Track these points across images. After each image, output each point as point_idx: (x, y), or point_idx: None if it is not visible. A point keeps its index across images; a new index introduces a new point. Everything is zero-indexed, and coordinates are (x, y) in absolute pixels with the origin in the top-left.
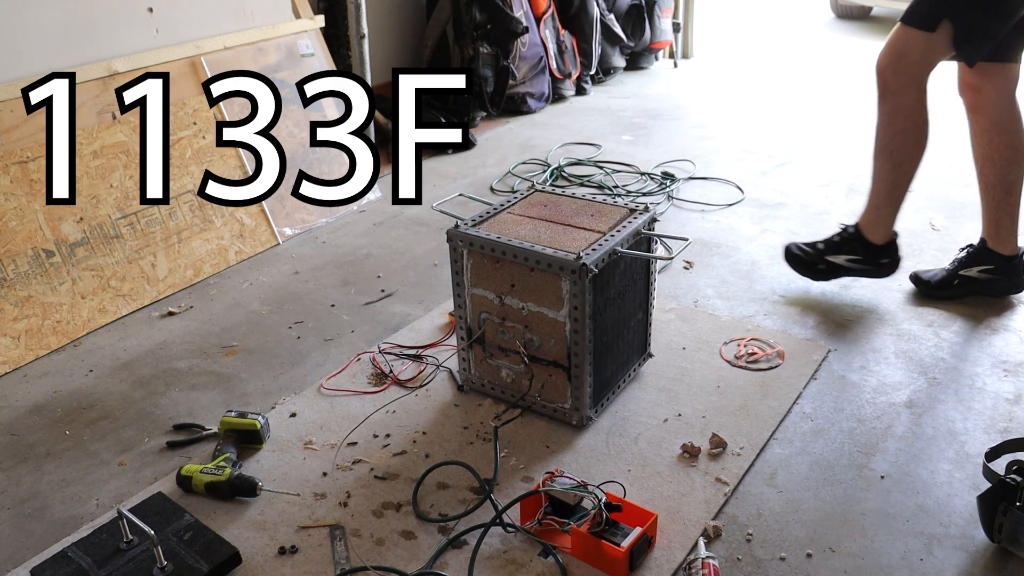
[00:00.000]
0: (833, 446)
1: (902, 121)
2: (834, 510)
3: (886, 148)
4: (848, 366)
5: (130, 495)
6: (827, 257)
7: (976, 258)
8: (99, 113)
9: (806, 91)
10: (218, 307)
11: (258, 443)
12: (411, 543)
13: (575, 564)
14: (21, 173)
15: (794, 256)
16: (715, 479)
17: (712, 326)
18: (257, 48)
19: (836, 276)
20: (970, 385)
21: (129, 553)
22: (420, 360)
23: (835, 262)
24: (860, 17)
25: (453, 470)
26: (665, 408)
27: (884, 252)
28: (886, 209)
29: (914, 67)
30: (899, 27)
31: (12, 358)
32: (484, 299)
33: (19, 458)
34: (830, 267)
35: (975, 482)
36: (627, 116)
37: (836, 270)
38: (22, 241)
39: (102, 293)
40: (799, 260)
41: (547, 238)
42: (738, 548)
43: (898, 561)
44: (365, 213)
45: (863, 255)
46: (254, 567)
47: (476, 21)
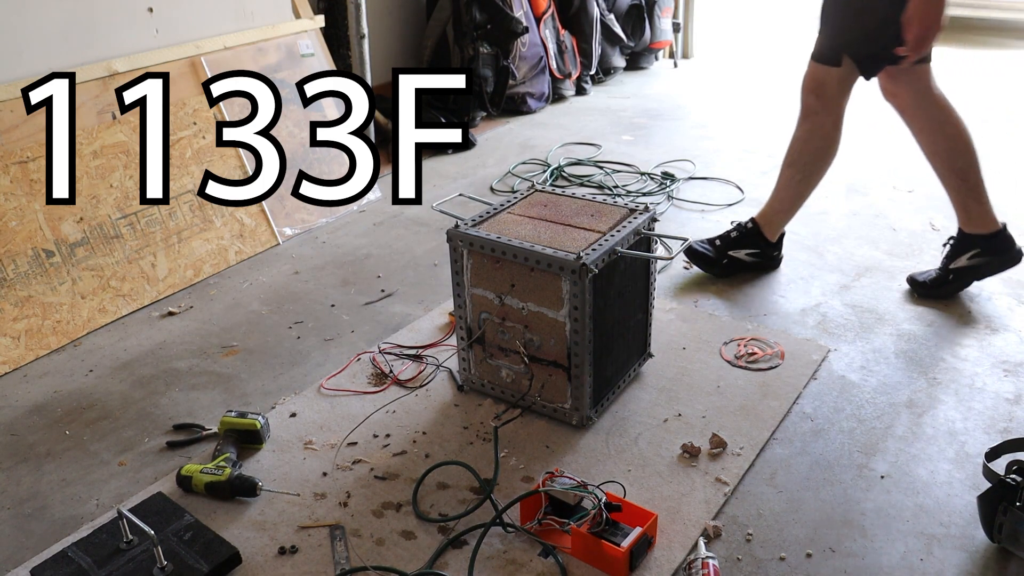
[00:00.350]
0: (833, 446)
1: (818, 141)
2: (834, 510)
3: (798, 162)
4: (848, 366)
5: (130, 495)
6: (729, 252)
7: (960, 247)
8: (99, 113)
9: None
10: (218, 307)
11: (258, 443)
12: (411, 543)
13: (575, 564)
14: (21, 173)
15: (697, 254)
16: (715, 479)
17: (712, 326)
18: (257, 48)
19: (735, 271)
20: (970, 385)
21: (129, 553)
22: (420, 360)
23: (736, 256)
24: None
25: (453, 470)
26: (665, 408)
27: (777, 247)
28: (786, 214)
29: (834, 95)
30: (810, 63)
31: (12, 358)
32: (484, 299)
33: (19, 458)
34: (731, 262)
35: (975, 482)
36: (627, 116)
37: (735, 264)
38: (22, 241)
39: (102, 293)
40: (703, 257)
41: (547, 238)
42: (738, 548)
43: (898, 561)
44: (365, 213)
45: (761, 249)
46: (254, 567)
47: (476, 21)
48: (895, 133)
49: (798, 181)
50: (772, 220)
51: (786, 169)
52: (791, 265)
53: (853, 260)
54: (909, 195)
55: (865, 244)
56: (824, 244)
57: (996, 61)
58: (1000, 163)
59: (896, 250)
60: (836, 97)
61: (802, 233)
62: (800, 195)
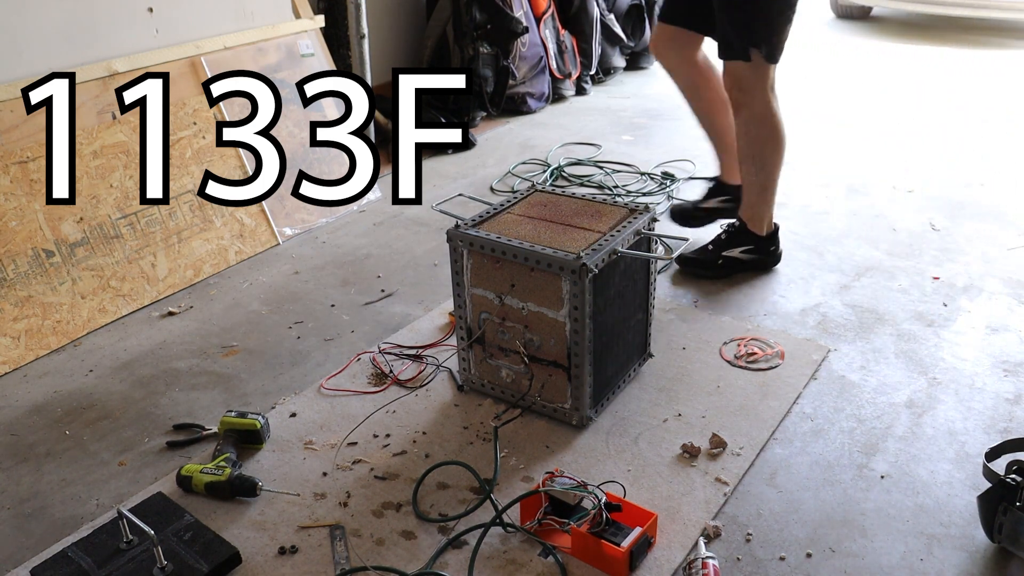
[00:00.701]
0: (833, 446)
1: (756, 128)
2: (834, 510)
3: (749, 154)
4: (848, 366)
5: (130, 495)
6: (723, 253)
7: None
8: (99, 113)
9: (806, 91)
10: (218, 307)
11: (258, 443)
12: (411, 543)
13: (575, 564)
14: (21, 173)
15: (690, 261)
16: (715, 479)
17: (712, 326)
18: (257, 48)
19: (734, 271)
20: (970, 385)
21: (129, 553)
22: (420, 360)
23: (731, 256)
24: (860, 17)
25: (453, 470)
26: (665, 408)
27: (771, 241)
28: (762, 207)
29: (752, 85)
30: (724, 63)
31: (12, 358)
32: (484, 299)
33: (19, 458)
34: (727, 262)
35: (975, 482)
36: (627, 116)
37: (733, 264)
38: (22, 241)
39: (102, 293)
40: (698, 263)
41: (547, 238)
42: (738, 548)
43: (898, 561)
44: (365, 213)
45: (754, 244)
46: (254, 567)
47: (476, 21)
48: (895, 133)
49: (756, 172)
50: (752, 215)
51: (742, 166)
52: (791, 265)
53: (853, 260)
54: (909, 195)
55: (865, 244)
56: (824, 244)
57: (996, 61)
58: (1000, 163)
59: (896, 250)
60: (757, 85)
61: (802, 233)
62: (765, 185)
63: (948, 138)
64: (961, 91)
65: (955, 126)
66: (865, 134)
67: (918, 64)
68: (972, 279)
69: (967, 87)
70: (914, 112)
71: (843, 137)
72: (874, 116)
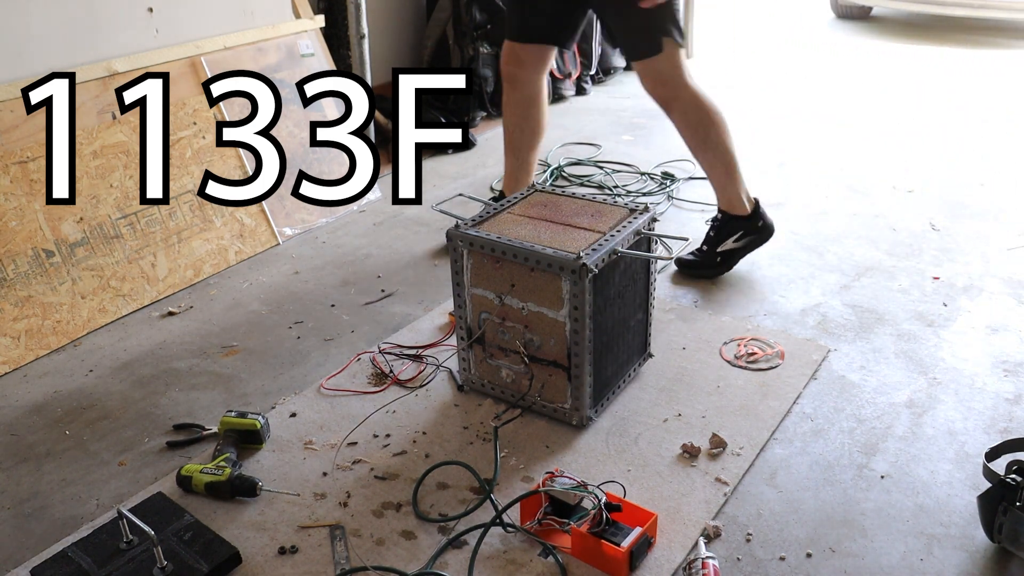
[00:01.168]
0: (833, 446)
1: (693, 114)
2: (834, 510)
3: (698, 143)
4: (848, 366)
5: (130, 495)
6: (718, 249)
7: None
8: (99, 113)
9: (806, 91)
10: (218, 307)
11: (258, 443)
12: (411, 543)
13: (575, 564)
14: (21, 173)
15: (688, 263)
16: (715, 479)
17: (712, 326)
18: (257, 48)
19: (735, 261)
20: (970, 385)
21: (129, 553)
22: (420, 360)
23: (727, 249)
24: (860, 17)
25: (453, 470)
26: (665, 408)
27: (756, 217)
28: (733, 187)
29: (672, 74)
30: (637, 65)
31: (12, 358)
32: (484, 299)
33: (19, 458)
34: (725, 256)
35: (975, 482)
36: (627, 116)
37: (731, 257)
38: (22, 241)
39: (102, 293)
40: (697, 265)
41: (547, 238)
42: (738, 548)
43: (898, 561)
44: (365, 213)
45: (743, 229)
46: (254, 567)
47: (476, 21)
48: (895, 133)
49: (712, 157)
50: (730, 200)
51: (697, 156)
52: (791, 265)
53: (853, 260)
54: (909, 195)
55: (865, 244)
56: (824, 244)
57: (996, 61)
58: (1000, 163)
59: (896, 250)
60: (675, 73)
61: (802, 233)
62: (727, 167)
63: (948, 138)
64: (961, 91)
65: (955, 126)
66: (865, 134)
67: (918, 64)
68: (972, 279)
69: (967, 87)
70: (914, 112)
71: (843, 137)
72: (874, 116)
